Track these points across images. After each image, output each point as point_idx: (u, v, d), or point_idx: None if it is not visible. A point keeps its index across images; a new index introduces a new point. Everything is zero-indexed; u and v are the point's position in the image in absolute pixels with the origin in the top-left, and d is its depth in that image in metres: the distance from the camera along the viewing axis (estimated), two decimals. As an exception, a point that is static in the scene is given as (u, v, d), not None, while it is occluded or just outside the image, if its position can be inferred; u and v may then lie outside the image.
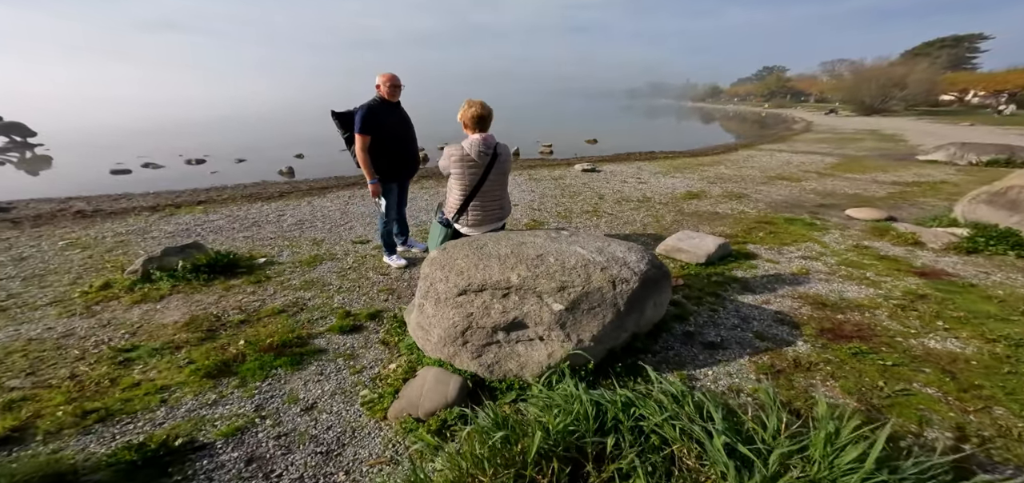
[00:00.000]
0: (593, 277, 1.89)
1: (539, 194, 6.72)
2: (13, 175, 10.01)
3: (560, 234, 2.34)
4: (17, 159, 12.20)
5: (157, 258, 3.34)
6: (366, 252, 4.11)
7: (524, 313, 1.94)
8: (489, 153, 2.75)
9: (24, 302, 3.01)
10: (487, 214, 2.86)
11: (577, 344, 1.96)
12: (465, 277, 2.01)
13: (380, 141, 3.37)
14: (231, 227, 4.98)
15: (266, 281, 3.43)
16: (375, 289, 3.33)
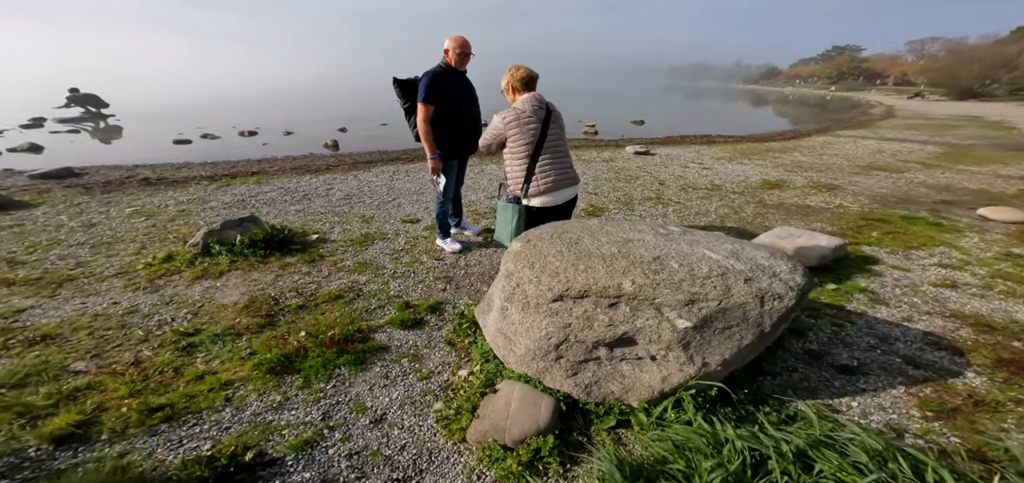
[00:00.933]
0: (734, 290, 1.47)
1: (592, 177, 6.19)
2: (88, 143, 10.43)
3: (669, 230, 1.90)
4: (92, 128, 12.75)
5: (217, 231, 3.18)
6: (417, 233, 3.82)
7: (636, 328, 1.56)
8: (543, 108, 2.41)
9: (92, 272, 2.92)
10: (560, 176, 2.42)
11: (701, 368, 1.57)
12: (562, 279, 1.63)
13: (444, 112, 2.97)
14: (283, 200, 4.83)
15: (320, 260, 3.21)
16: (431, 276, 3.04)
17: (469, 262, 3.29)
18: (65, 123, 13.25)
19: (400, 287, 2.88)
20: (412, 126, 3.13)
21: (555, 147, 2.45)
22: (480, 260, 3.33)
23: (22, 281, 2.73)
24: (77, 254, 3.17)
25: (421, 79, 2.92)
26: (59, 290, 2.67)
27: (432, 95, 2.88)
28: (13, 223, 3.76)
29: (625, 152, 8.37)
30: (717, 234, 1.89)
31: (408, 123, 3.18)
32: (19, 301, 2.53)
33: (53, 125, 12.69)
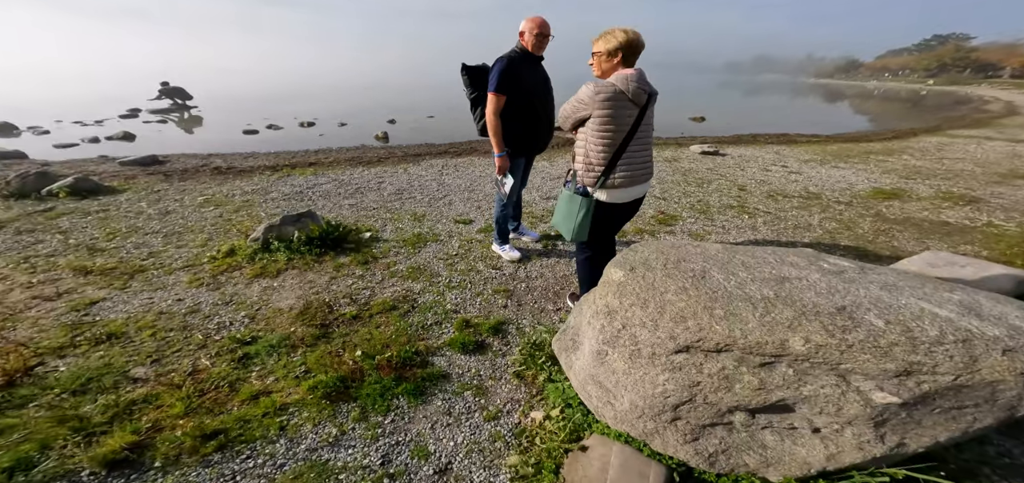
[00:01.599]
0: (982, 363, 0.97)
1: (656, 179, 5.56)
2: (173, 132, 11.27)
3: (838, 265, 1.40)
4: (177, 119, 13.82)
5: (276, 227, 3.07)
6: (471, 236, 3.52)
7: (800, 396, 1.12)
8: (645, 91, 1.88)
9: (161, 263, 2.90)
10: (637, 171, 1.98)
11: (893, 449, 1.10)
12: (691, 327, 1.21)
13: (517, 104, 2.55)
14: (337, 192, 4.74)
15: (373, 262, 3.00)
16: (489, 288, 2.72)
17: (530, 274, 2.93)
18: (156, 114, 14.45)
19: (457, 300, 2.59)
20: (478, 119, 2.76)
21: (645, 138, 1.99)
22: (542, 272, 2.96)
23: (99, 270, 2.75)
24: (150, 243, 3.20)
25: (493, 66, 2.52)
26: (131, 282, 2.65)
27: (505, 84, 2.47)
28: (100, 209, 3.94)
29: (690, 151, 7.56)
30: (913, 274, 1.36)
31: (473, 115, 2.82)
32: (93, 292, 2.53)
33: (146, 116, 13.88)
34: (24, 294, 2.46)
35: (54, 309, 2.34)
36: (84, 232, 3.35)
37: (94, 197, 4.22)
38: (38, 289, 2.51)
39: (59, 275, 2.68)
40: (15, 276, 2.64)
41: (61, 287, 2.54)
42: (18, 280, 2.60)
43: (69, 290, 2.52)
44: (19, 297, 2.43)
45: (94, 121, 11.73)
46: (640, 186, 2.04)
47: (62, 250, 3.02)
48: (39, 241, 3.15)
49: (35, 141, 8.86)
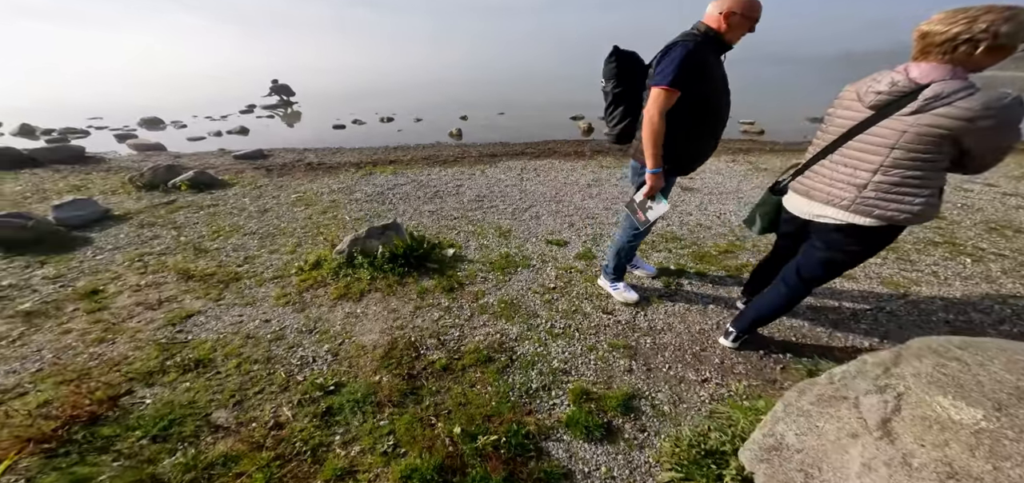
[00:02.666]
0: None
1: None
2: (277, 127, 12.30)
3: None
4: (282, 114, 15.19)
5: (361, 240, 2.78)
6: (568, 262, 2.91)
7: None
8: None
9: (255, 271, 2.76)
10: (820, 180, 1.56)
11: None
12: None
13: (692, 104, 1.76)
14: (416, 195, 4.46)
15: (459, 290, 2.56)
16: (603, 341, 2.11)
17: (654, 323, 2.25)
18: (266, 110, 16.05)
19: (565, 354, 2.02)
20: (618, 119, 1.99)
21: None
22: (669, 321, 2.27)
23: (199, 275, 2.67)
24: (247, 246, 3.12)
25: (671, 52, 1.72)
26: (225, 292, 2.52)
27: (685, 77, 1.68)
28: (212, 203, 4.07)
29: None
30: None
31: (607, 115, 2.05)
32: (191, 301, 2.41)
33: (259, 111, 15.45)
34: (130, 299, 2.42)
35: (153, 320, 2.24)
36: (194, 229, 3.41)
37: (208, 191, 4.42)
38: (143, 294, 2.46)
39: (165, 278, 2.65)
40: (127, 276, 2.65)
41: (163, 293, 2.48)
42: (129, 281, 2.60)
43: (170, 298, 2.44)
44: (125, 302, 2.39)
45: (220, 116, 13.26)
46: (819, 203, 1.62)
47: (173, 248, 3.05)
48: (155, 236, 3.24)
49: (175, 134, 10.17)
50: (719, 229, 3.49)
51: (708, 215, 3.83)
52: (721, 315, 2.33)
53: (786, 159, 6.33)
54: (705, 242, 3.23)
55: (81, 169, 5.35)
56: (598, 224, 3.57)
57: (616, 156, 6.58)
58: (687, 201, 4.21)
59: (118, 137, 8.85)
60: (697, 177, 5.17)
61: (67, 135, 8.90)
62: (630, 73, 1.93)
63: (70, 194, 4.19)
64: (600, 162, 6.20)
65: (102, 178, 4.84)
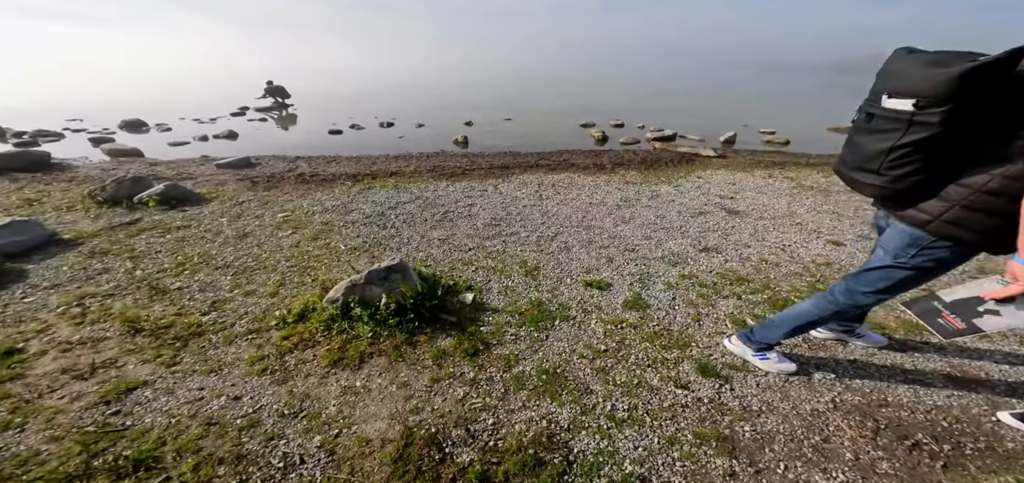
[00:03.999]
0: None
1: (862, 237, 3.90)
2: (270, 131, 11.82)
3: None
4: (276, 117, 14.73)
5: (359, 286, 2.27)
6: (614, 313, 2.36)
7: None
8: None
9: (224, 322, 2.23)
10: None
11: None
12: None
13: None
14: (422, 217, 3.96)
15: (485, 353, 2.04)
16: (686, 430, 1.58)
17: (747, 401, 1.73)
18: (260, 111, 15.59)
19: (638, 450, 1.50)
20: (910, 166, 1.25)
21: None
22: (767, 398, 1.74)
23: (151, 327, 2.14)
24: (218, 284, 2.60)
25: None
26: (182, 352, 1.99)
27: None
28: (182, 223, 3.55)
29: None
30: None
31: (888, 157, 1.27)
32: (135, 367, 1.88)
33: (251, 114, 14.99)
34: (55, 363, 1.88)
35: (81, 396, 1.71)
36: (155, 259, 2.87)
37: (181, 208, 3.90)
38: (74, 355, 1.93)
39: (106, 331, 2.11)
40: (58, 327, 2.12)
41: (101, 354, 1.95)
42: (60, 334, 2.06)
43: (108, 361, 1.91)
44: (49, 368, 1.86)
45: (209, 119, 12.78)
46: None
47: (123, 286, 2.51)
48: (105, 269, 2.70)
49: (157, 138, 9.66)
50: (790, 266, 2.99)
51: (769, 246, 3.33)
52: (833, 388, 1.83)
53: (828, 174, 5.87)
54: (778, 284, 2.73)
55: (42, 179, 4.82)
56: (641, 260, 3.06)
57: (641, 171, 6.12)
58: (738, 228, 3.71)
59: (94, 140, 8.33)
60: (739, 198, 4.70)
61: (37, 139, 8.39)
62: (984, 95, 1.11)
63: (19, 210, 3.67)
64: (623, 177, 5.73)
65: (62, 190, 4.31)
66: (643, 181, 5.49)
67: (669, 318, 2.34)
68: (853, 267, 2.95)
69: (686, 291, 2.60)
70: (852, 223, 3.95)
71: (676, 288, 2.63)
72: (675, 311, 2.40)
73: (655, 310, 2.41)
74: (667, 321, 2.31)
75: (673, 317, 2.35)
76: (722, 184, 5.36)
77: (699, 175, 5.90)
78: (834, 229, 3.76)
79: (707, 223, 3.81)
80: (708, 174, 5.92)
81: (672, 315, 2.37)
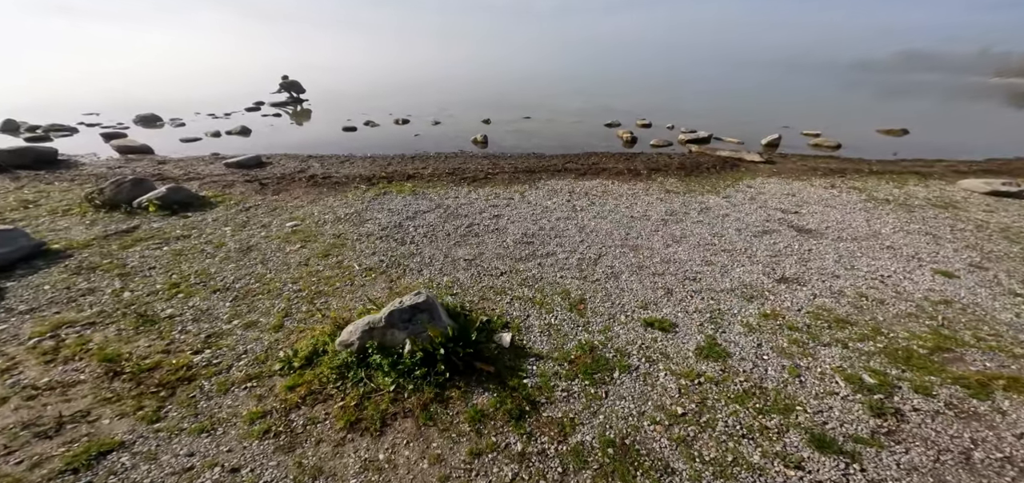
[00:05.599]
0: None
1: (970, 256, 3.24)
2: (284, 127, 11.75)
3: None
4: (291, 111, 14.73)
5: (379, 330, 1.91)
6: (686, 363, 1.95)
7: None
8: None
9: (219, 362, 1.91)
10: None
11: None
12: None
13: None
14: (444, 230, 3.61)
15: (532, 414, 1.66)
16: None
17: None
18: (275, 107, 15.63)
19: None
20: None
21: None
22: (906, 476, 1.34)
23: (133, 368, 1.83)
24: (214, 312, 2.29)
25: None
26: (169, 403, 1.68)
27: None
28: (182, 233, 3.28)
29: (965, 190, 5.04)
30: None
31: None
32: (110, 423, 1.56)
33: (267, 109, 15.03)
34: (17, 415, 1.58)
35: (45, 460, 1.40)
36: (147, 278, 2.59)
37: (182, 213, 3.65)
38: (40, 404, 1.63)
39: (80, 371, 1.81)
40: (27, 364, 1.82)
41: (71, 404, 1.64)
42: (27, 374, 1.77)
43: (79, 415, 1.60)
44: (9, 421, 1.54)
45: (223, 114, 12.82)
46: None
47: (109, 311, 2.23)
48: (91, 289, 2.43)
49: (170, 134, 9.65)
50: (898, 305, 2.49)
51: (863, 277, 2.84)
52: (1004, 473, 1.39)
53: (900, 183, 5.28)
54: (891, 328, 2.25)
55: (44, 177, 4.69)
56: (707, 292, 2.61)
57: (680, 177, 5.64)
58: (817, 252, 3.20)
59: (106, 136, 8.32)
60: (804, 212, 4.19)
61: (50, 133, 8.44)
62: None
63: (13, 214, 3.48)
64: (663, 185, 5.27)
65: (62, 191, 4.13)
66: (686, 190, 5.03)
67: (758, 372, 1.92)
68: (978, 307, 2.46)
69: (773, 335, 2.16)
70: (955, 247, 3.40)
71: (759, 332, 2.20)
72: (765, 363, 1.98)
73: (738, 361, 1.99)
74: (757, 376, 1.89)
75: (764, 371, 1.92)
76: (779, 195, 4.85)
77: (748, 183, 5.39)
78: (936, 256, 3.23)
79: (776, 244, 3.34)
80: (759, 183, 5.41)
81: (762, 368, 1.94)
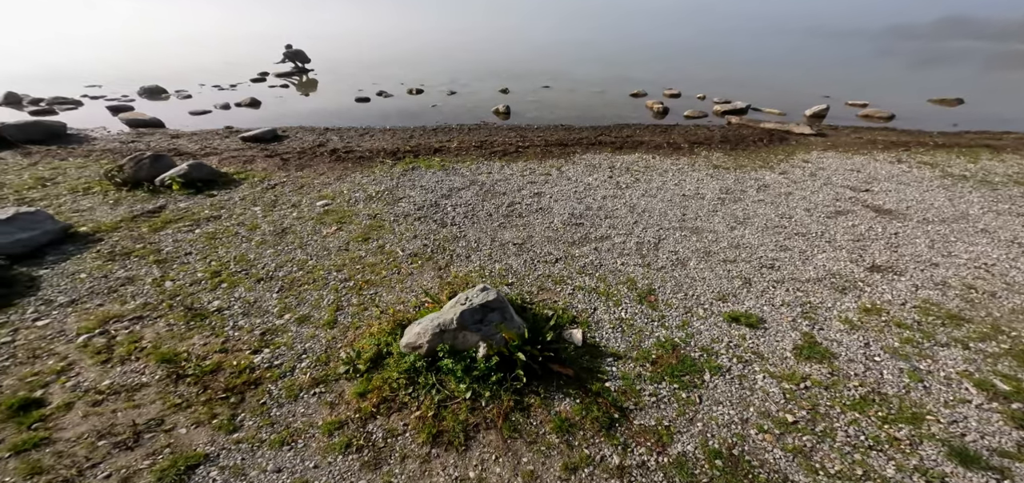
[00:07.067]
0: None
1: None
2: (292, 98, 11.43)
3: None
4: (296, 82, 14.36)
5: (450, 332, 1.75)
6: (785, 364, 1.82)
7: None
8: None
9: (282, 363, 1.79)
10: None
11: None
12: None
13: None
14: (484, 209, 3.43)
15: (623, 424, 1.54)
16: None
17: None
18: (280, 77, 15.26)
19: None
20: None
21: None
22: None
23: (196, 370, 1.72)
24: (263, 304, 2.17)
25: None
26: (240, 408, 1.58)
27: None
28: (211, 213, 3.16)
29: None
30: None
31: None
32: (188, 431, 1.47)
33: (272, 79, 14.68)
34: (88, 423, 1.51)
35: (133, 473, 1.34)
36: (186, 264, 2.49)
37: (207, 191, 3.53)
38: (109, 411, 1.55)
39: (142, 372, 1.74)
40: (82, 364, 1.75)
41: (142, 412, 1.57)
42: (85, 377, 1.69)
43: (153, 423, 1.52)
44: (81, 429, 1.48)
45: (229, 85, 12.53)
46: None
47: (154, 303, 2.14)
48: (130, 278, 2.34)
49: (178, 106, 9.45)
50: (1013, 297, 2.29)
51: (964, 265, 2.63)
52: None
53: (972, 158, 4.91)
54: (1013, 327, 2.07)
55: (57, 152, 4.58)
56: (791, 282, 2.42)
57: (726, 151, 5.33)
58: (906, 236, 2.98)
59: (112, 109, 8.17)
60: (878, 191, 3.89)
61: (55, 106, 8.30)
62: None
63: (31, 193, 3.40)
64: (708, 159, 4.98)
65: (78, 167, 4.03)
66: (736, 165, 4.74)
67: (873, 376, 1.77)
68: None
69: (881, 333, 2.00)
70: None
71: (864, 329, 2.03)
72: (878, 365, 1.82)
73: (845, 362, 1.84)
74: (872, 380, 1.74)
75: (879, 374, 1.77)
76: (842, 171, 4.54)
77: (804, 158, 5.07)
78: (1035, 241, 3.00)
79: (856, 227, 3.11)
80: (815, 157, 5.08)
81: (876, 371, 1.79)
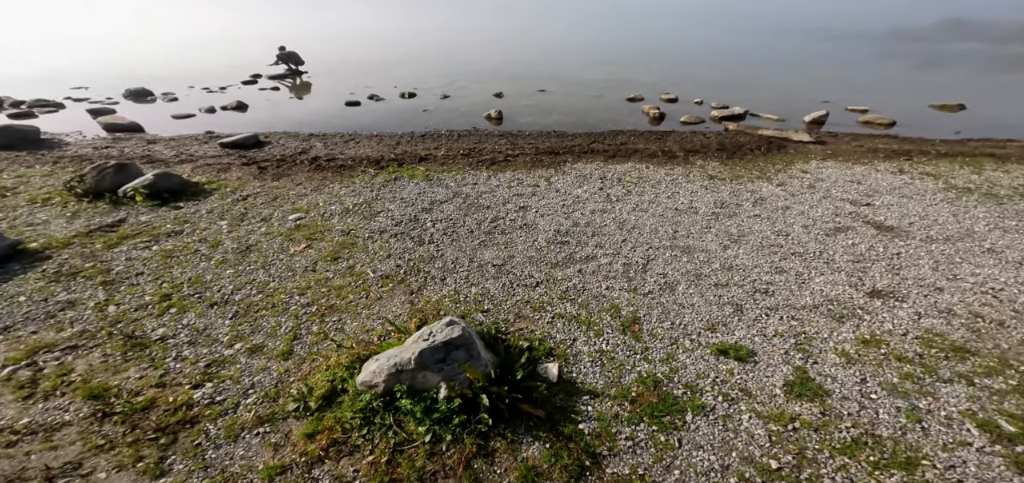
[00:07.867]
0: None
1: None
2: (282, 101, 11.35)
3: None
4: (290, 84, 14.28)
5: (408, 373, 1.64)
6: (774, 403, 1.67)
7: None
8: None
9: (224, 399, 1.66)
10: None
11: None
12: None
13: None
14: (465, 225, 3.30)
15: (595, 472, 1.40)
16: None
17: None
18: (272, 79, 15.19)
19: None
20: None
21: None
22: None
23: (125, 405, 1.58)
24: (214, 331, 2.04)
25: None
26: (171, 452, 1.42)
27: None
28: (174, 227, 3.02)
29: None
30: None
31: None
32: (107, 474, 1.38)
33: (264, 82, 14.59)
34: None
35: None
36: (135, 286, 2.35)
37: (173, 203, 3.39)
38: (22, 454, 1.39)
39: (65, 410, 1.59)
40: (2, 400, 1.60)
41: (59, 454, 1.41)
42: (3, 413, 1.54)
43: (70, 467, 1.36)
44: None
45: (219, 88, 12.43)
46: None
47: (93, 331, 2.00)
48: (72, 301, 2.20)
49: (162, 109, 9.35)
50: (1022, 328, 2.16)
51: (969, 288, 2.49)
52: None
53: (976, 168, 4.80)
54: (1022, 358, 1.95)
55: (25, 159, 4.44)
56: (785, 309, 2.29)
57: (722, 160, 5.22)
58: (908, 257, 2.85)
59: (93, 112, 8.06)
60: (878, 203, 3.78)
61: (35, 109, 8.19)
62: None
63: (-9, 204, 3.28)
64: (704, 169, 4.87)
65: (43, 176, 3.89)
66: (732, 176, 4.63)
67: (867, 415, 1.63)
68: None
69: (879, 368, 1.86)
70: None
71: (861, 363, 1.89)
72: (874, 404, 1.69)
73: (838, 400, 1.71)
74: (866, 420, 1.61)
75: (874, 414, 1.64)
76: (842, 182, 4.43)
77: (803, 168, 4.96)
78: (1044, 263, 2.87)
79: (855, 246, 2.98)
80: (814, 167, 4.98)
81: (871, 410, 1.66)
